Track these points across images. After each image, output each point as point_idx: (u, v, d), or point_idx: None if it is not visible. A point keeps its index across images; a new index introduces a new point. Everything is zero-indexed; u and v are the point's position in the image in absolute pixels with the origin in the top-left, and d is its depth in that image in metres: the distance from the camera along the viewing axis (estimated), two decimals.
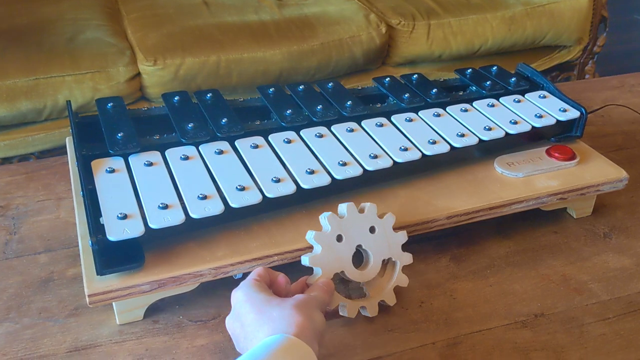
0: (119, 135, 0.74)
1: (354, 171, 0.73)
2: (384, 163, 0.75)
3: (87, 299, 0.63)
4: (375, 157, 0.75)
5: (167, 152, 0.74)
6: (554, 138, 0.87)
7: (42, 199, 0.87)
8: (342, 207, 0.67)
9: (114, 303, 0.66)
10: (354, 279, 0.67)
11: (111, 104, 0.80)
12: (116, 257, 0.63)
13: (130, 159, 0.72)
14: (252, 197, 0.68)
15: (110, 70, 1.60)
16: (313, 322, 0.55)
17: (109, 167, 0.71)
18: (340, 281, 0.67)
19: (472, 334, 0.68)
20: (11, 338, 0.66)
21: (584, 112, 0.86)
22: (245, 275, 0.68)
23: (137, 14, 1.83)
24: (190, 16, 1.80)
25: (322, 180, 0.71)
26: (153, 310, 0.69)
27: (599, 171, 0.82)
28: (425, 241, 0.76)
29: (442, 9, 1.94)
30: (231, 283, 0.72)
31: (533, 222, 0.84)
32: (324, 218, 0.66)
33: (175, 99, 0.82)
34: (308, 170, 0.72)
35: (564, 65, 2.19)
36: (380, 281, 0.69)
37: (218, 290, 0.71)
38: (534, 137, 0.86)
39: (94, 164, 0.72)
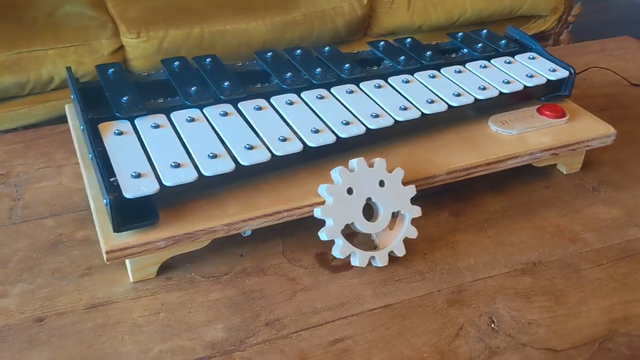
0: (124, 99, 0.75)
1: (357, 130, 0.75)
2: (385, 122, 0.77)
3: (104, 255, 0.64)
4: (377, 116, 0.77)
5: (173, 115, 0.75)
6: (544, 97, 0.90)
7: (42, 166, 0.87)
8: (353, 162, 0.69)
9: (127, 261, 0.68)
10: (364, 230, 0.69)
11: (112, 69, 0.80)
12: (131, 214, 0.65)
13: (137, 121, 0.73)
14: (261, 156, 0.70)
15: (93, 43, 1.60)
16: None
17: (117, 130, 0.71)
18: (348, 235, 0.70)
19: (475, 281, 0.71)
20: (27, 297, 0.67)
21: (572, 71, 0.89)
22: (254, 232, 0.70)
23: None
24: None
25: (327, 138, 0.73)
26: (165, 268, 0.70)
27: (588, 127, 0.86)
28: (425, 197, 0.78)
29: None
30: (239, 242, 0.74)
31: (525, 178, 0.87)
32: (335, 172, 0.68)
33: (175, 64, 0.82)
34: (313, 130, 0.74)
35: (539, 35, 2.23)
36: (390, 233, 0.72)
37: (228, 248, 0.73)
38: (525, 97, 0.89)
39: (101, 127, 0.72)
